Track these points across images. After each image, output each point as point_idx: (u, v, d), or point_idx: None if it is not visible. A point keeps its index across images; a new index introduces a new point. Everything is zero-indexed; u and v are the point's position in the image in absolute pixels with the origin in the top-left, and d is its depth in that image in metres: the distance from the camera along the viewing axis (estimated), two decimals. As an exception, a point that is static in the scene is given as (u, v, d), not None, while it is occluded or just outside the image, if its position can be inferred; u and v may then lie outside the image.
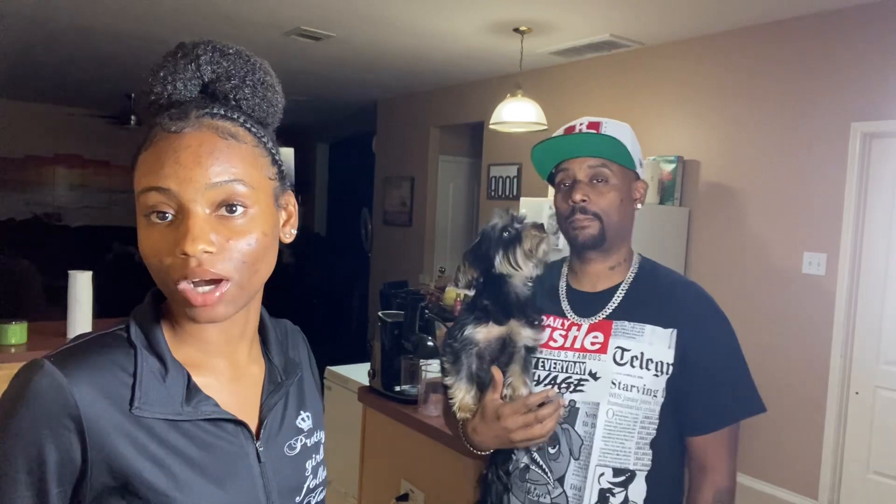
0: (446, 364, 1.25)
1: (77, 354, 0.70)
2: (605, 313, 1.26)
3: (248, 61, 0.76)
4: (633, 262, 1.33)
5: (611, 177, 1.25)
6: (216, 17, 4.22)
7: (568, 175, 1.27)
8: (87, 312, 2.71)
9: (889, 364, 3.40)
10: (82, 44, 5.03)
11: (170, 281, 0.68)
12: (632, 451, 1.20)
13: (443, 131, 6.54)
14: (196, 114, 0.70)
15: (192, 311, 0.69)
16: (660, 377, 1.21)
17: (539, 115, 4.17)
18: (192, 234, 0.66)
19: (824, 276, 3.57)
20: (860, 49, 3.46)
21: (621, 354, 1.22)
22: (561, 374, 1.24)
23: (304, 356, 0.94)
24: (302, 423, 0.86)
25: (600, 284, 1.30)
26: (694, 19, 3.89)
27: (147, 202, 0.68)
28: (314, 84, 6.40)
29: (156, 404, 0.70)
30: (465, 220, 6.83)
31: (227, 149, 0.70)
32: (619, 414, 1.20)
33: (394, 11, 3.97)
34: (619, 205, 1.25)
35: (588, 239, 1.25)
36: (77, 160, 8.44)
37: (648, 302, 1.26)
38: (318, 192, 9.51)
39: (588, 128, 1.26)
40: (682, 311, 1.25)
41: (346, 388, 2.90)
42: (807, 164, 3.66)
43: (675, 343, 1.22)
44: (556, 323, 1.29)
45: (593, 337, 1.25)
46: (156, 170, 0.67)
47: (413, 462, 2.15)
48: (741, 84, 3.97)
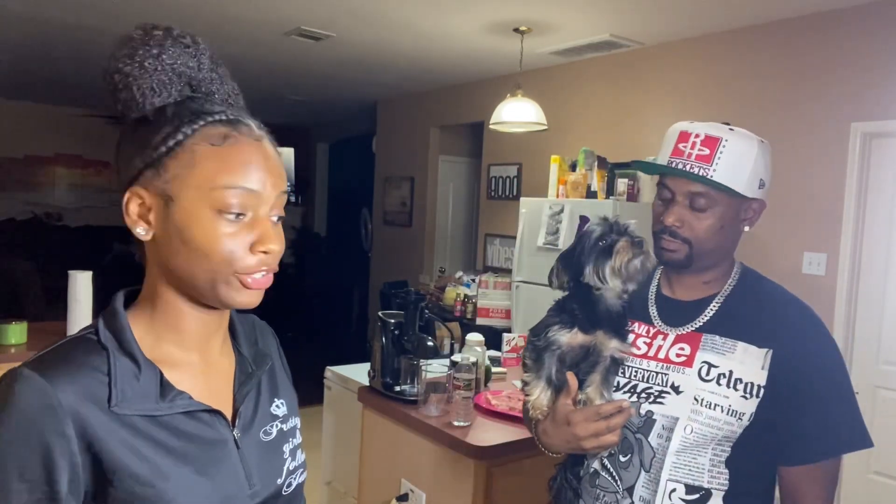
0: (527, 360, 1.22)
1: (53, 359, 0.72)
2: (696, 325, 1.19)
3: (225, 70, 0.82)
4: (732, 272, 1.23)
5: (714, 205, 1.14)
6: (216, 16, 4.22)
7: (668, 191, 1.17)
8: (87, 312, 2.70)
9: (889, 364, 3.40)
10: (82, 44, 5.03)
11: (228, 270, 0.74)
12: (706, 469, 1.13)
13: (443, 131, 6.54)
14: (255, 124, 0.79)
15: (243, 295, 0.76)
16: (749, 400, 1.12)
17: (539, 115, 4.17)
18: (277, 236, 0.77)
19: (824, 276, 3.57)
20: (860, 49, 3.46)
21: (708, 370, 1.14)
22: (641, 383, 1.19)
23: (274, 348, 0.97)
24: (276, 409, 0.90)
25: (694, 294, 1.22)
26: (694, 19, 3.89)
27: (229, 199, 0.73)
28: (314, 84, 6.40)
29: (133, 401, 0.73)
30: (465, 220, 6.83)
31: (281, 163, 0.80)
32: (699, 432, 1.12)
33: (394, 11, 3.97)
34: (718, 231, 1.15)
35: (673, 261, 1.18)
36: (77, 160, 8.43)
37: (744, 317, 1.17)
38: (318, 192, 9.51)
39: (703, 146, 1.13)
40: (780, 330, 1.15)
41: (346, 388, 2.90)
42: (807, 164, 3.66)
43: (769, 364, 1.13)
44: (641, 330, 1.23)
45: (679, 348, 1.18)
46: (245, 171, 0.74)
47: (413, 462, 2.15)
48: (741, 84, 3.97)
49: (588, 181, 4.13)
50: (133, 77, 0.74)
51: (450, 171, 6.68)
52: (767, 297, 1.21)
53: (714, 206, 1.14)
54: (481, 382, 2.39)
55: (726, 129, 1.16)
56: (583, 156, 4.21)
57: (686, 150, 1.15)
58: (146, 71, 0.74)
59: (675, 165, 1.16)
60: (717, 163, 1.13)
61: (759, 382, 1.12)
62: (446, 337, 3.12)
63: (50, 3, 4.07)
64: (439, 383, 2.13)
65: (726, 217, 1.16)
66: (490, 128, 4.52)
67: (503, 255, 5.60)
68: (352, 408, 2.66)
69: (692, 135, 1.16)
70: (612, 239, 1.13)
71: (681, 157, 1.15)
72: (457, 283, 5.40)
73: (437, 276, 6.13)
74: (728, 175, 1.13)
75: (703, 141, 1.14)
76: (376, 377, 2.33)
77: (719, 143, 1.13)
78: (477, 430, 2.02)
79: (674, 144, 1.17)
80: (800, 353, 1.14)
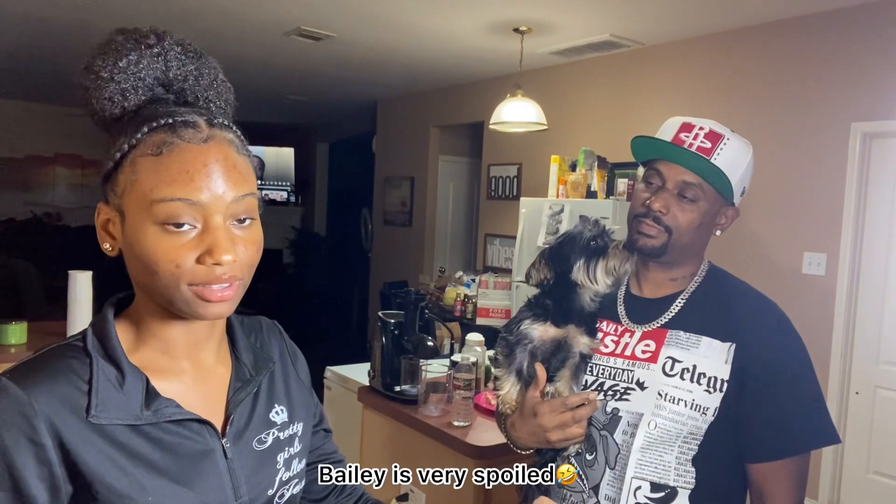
0: (499, 356, 1.23)
1: (34, 367, 0.71)
2: (661, 321, 1.19)
3: (208, 60, 0.78)
4: (699, 271, 1.23)
5: (702, 199, 1.15)
6: (216, 17, 4.22)
7: (659, 177, 1.17)
8: (87, 312, 2.70)
9: (889, 364, 3.40)
10: (82, 43, 5.02)
11: (181, 284, 0.70)
12: (672, 467, 1.12)
13: (443, 131, 6.54)
14: (206, 123, 0.72)
15: (205, 308, 0.72)
16: (713, 394, 1.12)
17: (539, 115, 4.17)
18: (223, 246, 0.70)
19: (824, 276, 3.56)
20: (860, 49, 3.46)
21: (672, 365, 1.14)
22: (608, 380, 1.19)
23: (279, 351, 0.93)
24: (276, 416, 0.87)
25: (661, 291, 1.23)
26: (694, 19, 3.89)
27: (168, 211, 0.68)
28: (314, 84, 6.40)
29: (113, 410, 0.71)
30: (465, 220, 6.83)
31: (242, 163, 0.74)
32: (663, 427, 1.12)
33: (394, 11, 3.97)
34: (698, 227, 1.16)
35: (647, 248, 1.17)
36: (77, 160, 8.43)
37: (709, 313, 1.17)
38: (318, 192, 9.50)
39: (706, 138, 1.14)
40: (744, 325, 1.15)
41: (346, 388, 2.90)
42: (807, 164, 3.66)
43: (732, 358, 1.13)
44: (610, 328, 1.23)
45: (645, 345, 1.18)
46: (183, 181, 0.68)
47: (413, 462, 2.15)
48: (741, 84, 3.96)
49: (588, 181, 4.13)
50: (91, 90, 0.72)
51: (450, 171, 6.68)
52: (733, 293, 1.21)
53: (700, 201, 1.15)
54: (481, 382, 2.39)
55: (728, 129, 1.17)
56: (583, 156, 4.21)
57: (688, 140, 1.15)
58: (103, 81, 0.72)
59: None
60: (717, 158, 1.13)
61: (722, 377, 1.12)
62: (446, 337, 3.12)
63: (50, 3, 4.07)
64: (439, 383, 2.13)
65: (707, 215, 1.17)
66: (490, 128, 4.52)
67: (503, 255, 5.60)
68: (352, 408, 2.66)
69: (696, 126, 1.16)
70: (605, 241, 1.16)
71: (682, 145, 1.15)
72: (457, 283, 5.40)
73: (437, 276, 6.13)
74: (726, 171, 1.14)
75: (706, 134, 1.15)
76: (376, 377, 2.32)
77: (721, 140, 1.14)
78: (477, 430, 2.02)
79: (675, 133, 1.17)
80: (763, 347, 1.14)
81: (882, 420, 3.40)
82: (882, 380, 3.42)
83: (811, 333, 3.60)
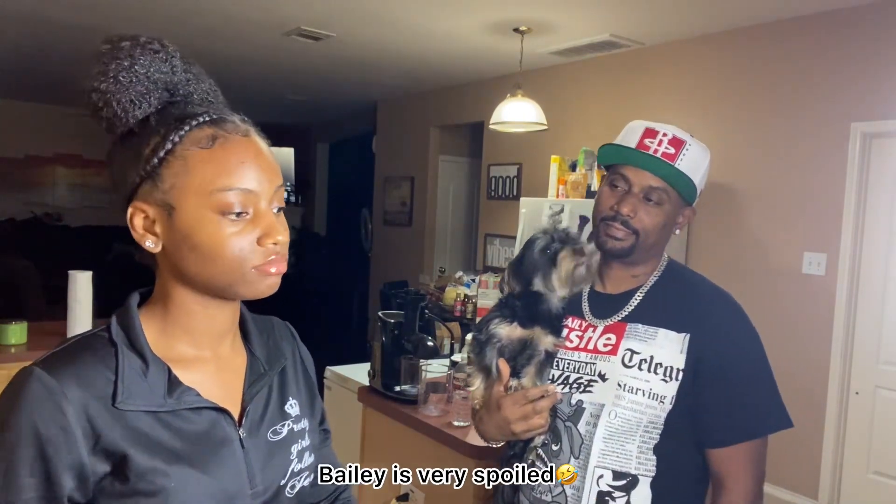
0: (471, 354, 1.29)
1: (63, 357, 0.75)
2: (622, 315, 1.25)
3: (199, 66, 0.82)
4: (659, 266, 1.30)
5: (666, 202, 1.21)
6: (216, 17, 4.22)
7: (625, 181, 1.22)
8: (87, 312, 2.71)
9: (889, 364, 3.40)
10: (82, 43, 5.02)
11: (245, 267, 0.76)
12: (633, 455, 1.18)
13: (443, 131, 6.55)
14: (239, 119, 0.79)
15: (266, 284, 0.78)
16: (669, 383, 1.18)
17: (539, 115, 4.17)
18: (277, 228, 0.77)
19: (824, 276, 3.56)
20: (860, 49, 3.46)
21: (630, 357, 1.20)
22: (573, 374, 1.24)
23: (290, 349, 0.97)
24: (290, 408, 0.90)
25: (622, 287, 1.28)
26: (694, 19, 3.89)
27: (229, 200, 0.74)
28: (314, 84, 6.41)
29: (138, 398, 0.74)
30: (465, 220, 6.83)
31: (272, 156, 0.81)
32: (623, 416, 1.18)
33: (393, 11, 3.97)
34: (662, 228, 1.23)
35: (616, 250, 1.23)
36: (77, 160, 8.43)
37: (666, 305, 1.24)
38: (318, 192, 9.51)
39: (670, 144, 1.20)
40: (697, 315, 1.21)
41: (346, 388, 2.90)
42: (807, 164, 3.66)
43: (686, 348, 1.19)
44: (575, 324, 1.29)
45: (606, 339, 1.24)
46: (240, 172, 0.75)
47: (413, 462, 2.15)
48: (741, 84, 3.97)
49: (588, 181, 4.14)
50: (111, 93, 0.74)
51: (450, 171, 6.68)
52: (689, 286, 1.28)
53: (665, 203, 1.21)
54: (481, 382, 2.38)
55: (689, 134, 1.24)
56: (583, 156, 4.21)
57: (652, 147, 1.21)
58: (122, 85, 0.74)
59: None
60: (680, 163, 1.20)
61: (677, 366, 1.18)
62: (446, 337, 3.12)
63: (50, 3, 4.07)
64: (439, 383, 2.13)
65: (670, 217, 1.23)
66: (490, 128, 4.52)
67: (503, 255, 5.60)
68: (352, 408, 2.66)
69: (660, 133, 1.22)
70: (554, 249, 1.20)
71: (647, 151, 1.21)
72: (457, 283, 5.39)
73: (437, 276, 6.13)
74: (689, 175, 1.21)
75: (670, 140, 1.21)
76: (376, 377, 2.32)
77: (684, 146, 1.21)
78: (477, 430, 2.02)
79: (639, 139, 1.22)
80: (716, 337, 1.20)
81: (882, 420, 3.40)
82: (882, 380, 3.42)
83: (811, 333, 3.61)
